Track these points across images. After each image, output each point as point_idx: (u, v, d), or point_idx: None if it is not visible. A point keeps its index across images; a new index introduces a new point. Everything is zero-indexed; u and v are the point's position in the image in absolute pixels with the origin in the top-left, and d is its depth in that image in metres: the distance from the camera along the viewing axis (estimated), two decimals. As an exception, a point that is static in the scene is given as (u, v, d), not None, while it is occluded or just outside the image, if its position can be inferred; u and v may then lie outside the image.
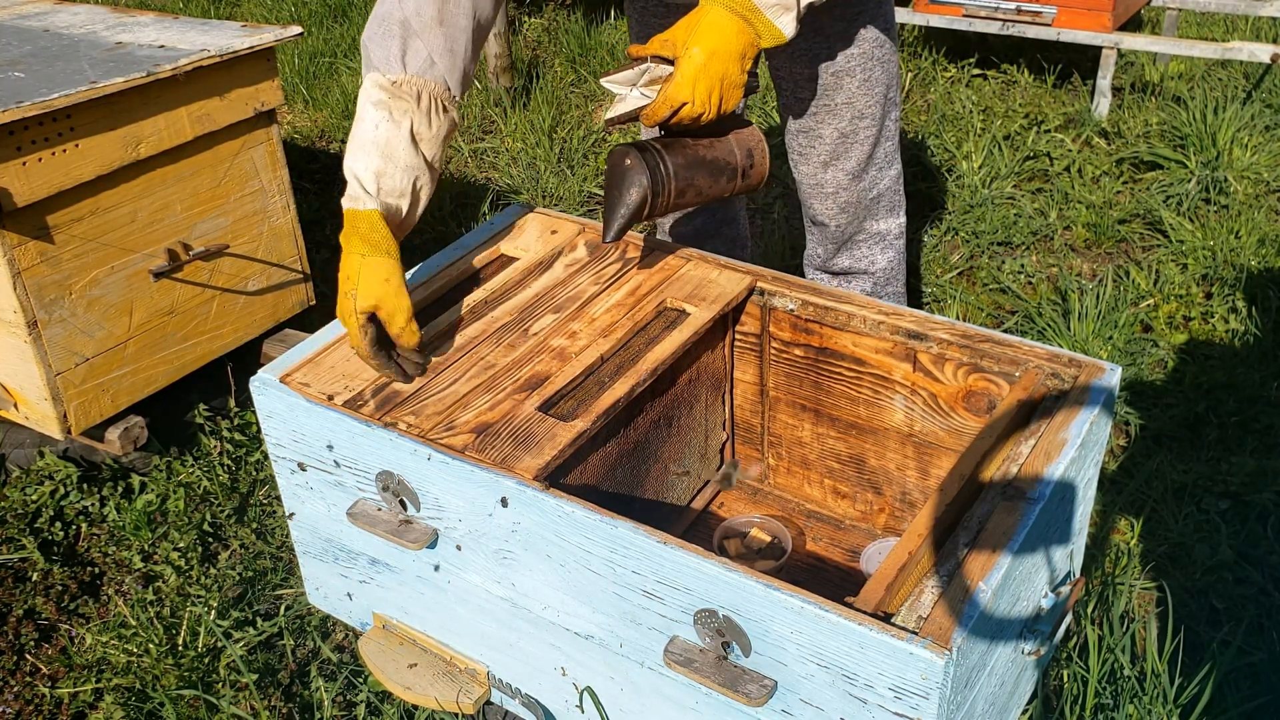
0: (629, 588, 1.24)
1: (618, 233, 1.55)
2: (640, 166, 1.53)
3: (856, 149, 1.93)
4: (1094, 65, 4.02)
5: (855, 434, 1.70)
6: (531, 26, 4.99)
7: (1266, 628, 1.83)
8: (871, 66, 1.87)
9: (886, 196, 2.02)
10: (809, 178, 1.99)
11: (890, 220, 2.05)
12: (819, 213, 2.02)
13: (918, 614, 1.10)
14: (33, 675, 1.87)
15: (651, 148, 1.56)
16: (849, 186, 1.97)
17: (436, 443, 1.35)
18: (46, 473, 2.22)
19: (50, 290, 1.95)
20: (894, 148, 1.99)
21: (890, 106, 1.94)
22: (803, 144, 1.96)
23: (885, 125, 1.94)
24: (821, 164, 1.95)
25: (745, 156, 1.61)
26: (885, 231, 2.05)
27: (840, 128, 1.91)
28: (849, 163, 1.94)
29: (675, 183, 1.56)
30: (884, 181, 2.00)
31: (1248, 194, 3.18)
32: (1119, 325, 2.58)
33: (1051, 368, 1.45)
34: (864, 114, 1.90)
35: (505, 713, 1.57)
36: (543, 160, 3.61)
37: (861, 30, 1.83)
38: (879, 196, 2.00)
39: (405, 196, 1.56)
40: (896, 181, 2.03)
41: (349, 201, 1.55)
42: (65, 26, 2.32)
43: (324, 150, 3.84)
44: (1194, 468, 2.18)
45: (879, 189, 2.00)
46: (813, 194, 2.00)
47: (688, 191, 1.58)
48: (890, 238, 2.06)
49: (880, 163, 1.97)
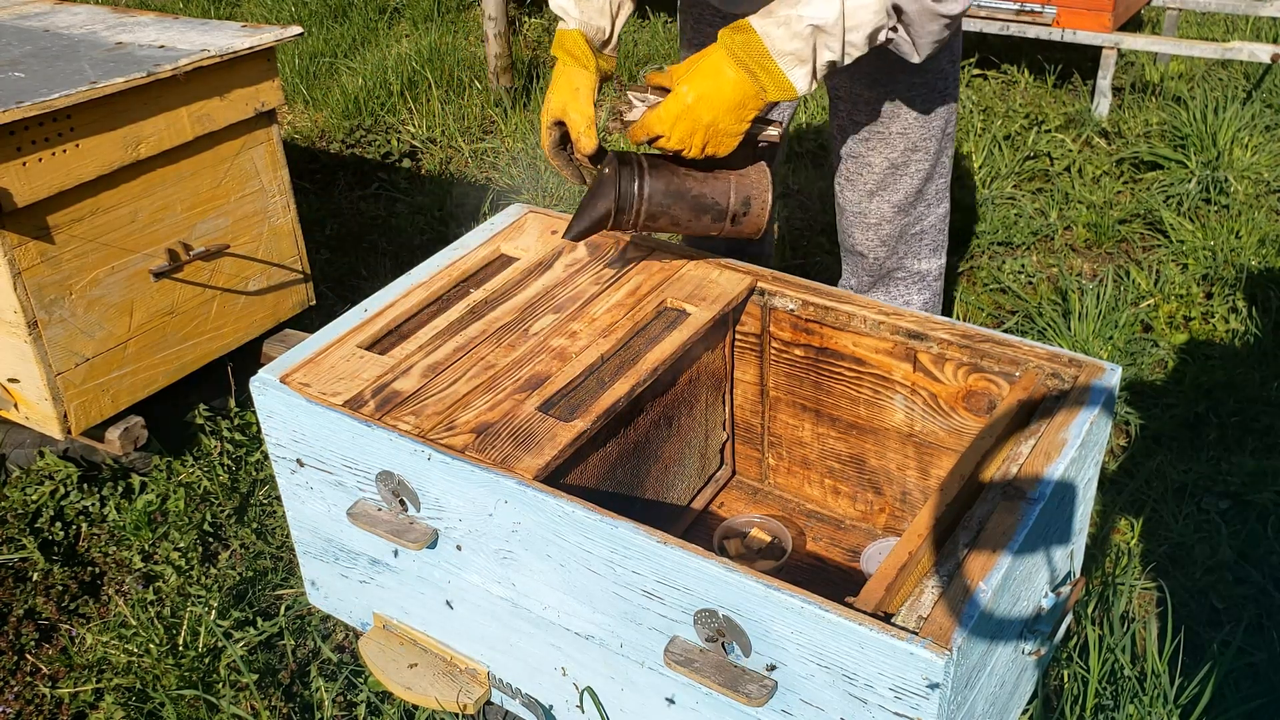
0: (629, 588, 1.24)
1: (576, 235, 1.60)
2: (613, 181, 1.55)
3: (906, 181, 1.86)
4: (1094, 65, 4.02)
5: (855, 434, 1.70)
6: (531, 26, 4.99)
7: (1266, 628, 1.83)
8: (932, 99, 1.80)
9: (930, 235, 1.94)
10: (853, 205, 1.92)
11: (932, 260, 1.97)
12: (859, 242, 1.95)
13: (918, 614, 1.10)
14: (33, 675, 1.87)
15: (638, 164, 1.56)
16: (893, 219, 1.90)
17: (437, 443, 1.35)
18: (47, 473, 2.22)
19: (50, 290, 1.95)
20: (945, 185, 1.92)
21: (947, 142, 1.86)
22: (851, 169, 1.89)
23: (940, 161, 1.87)
24: (867, 192, 1.88)
25: (741, 203, 1.58)
26: (925, 272, 1.97)
27: (891, 158, 1.84)
28: (896, 195, 1.87)
29: (647, 205, 1.56)
30: (930, 219, 1.92)
31: (1248, 194, 3.18)
32: (1119, 325, 2.58)
33: (1052, 368, 1.45)
34: (918, 146, 1.83)
35: (505, 713, 1.57)
36: (543, 160, 3.61)
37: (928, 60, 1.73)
38: (923, 233, 1.93)
39: (605, 15, 1.69)
40: (943, 221, 1.95)
41: (559, 26, 1.70)
42: (65, 26, 2.32)
43: (324, 150, 3.84)
44: (1194, 468, 2.18)
45: (923, 225, 1.92)
46: (855, 222, 1.93)
47: (660, 218, 1.58)
48: (929, 279, 1.99)
49: (930, 199, 1.90)
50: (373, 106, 4.06)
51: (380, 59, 4.42)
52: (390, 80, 4.18)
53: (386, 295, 1.67)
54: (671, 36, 4.70)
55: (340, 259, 3.11)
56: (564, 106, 1.64)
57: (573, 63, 1.66)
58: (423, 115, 3.99)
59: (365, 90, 4.11)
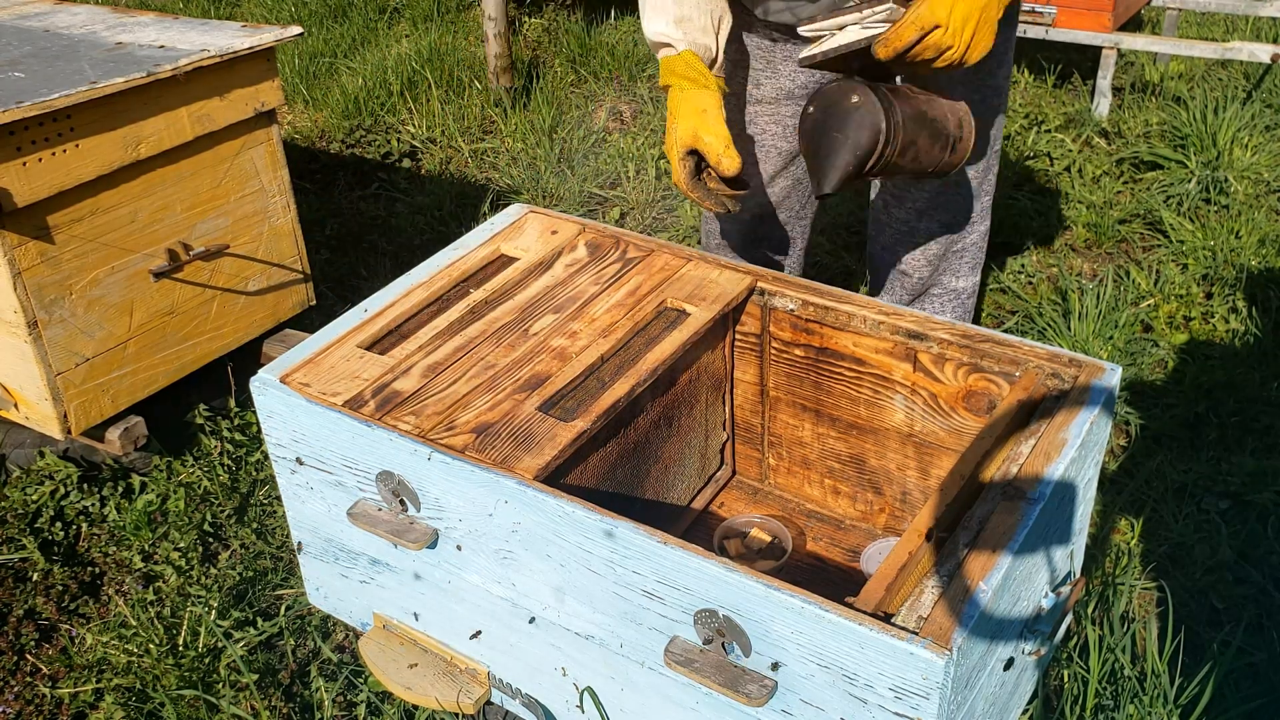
0: (629, 588, 1.24)
1: (839, 182, 1.31)
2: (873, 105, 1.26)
3: (956, 201, 1.83)
4: (1094, 65, 4.02)
5: (855, 434, 1.70)
6: (531, 26, 4.99)
7: (1266, 628, 1.83)
8: (987, 114, 1.78)
9: (971, 252, 1.92)
10: (901, 223, 1.88)
11: (970, 278, 1.94)
12: (904, 261, 1.91)
13: (918, 614, 1.10)
14: (33, 675, 1.87)
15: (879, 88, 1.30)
16: (940, 238, 1.87)
17: (437, 443, 1.35)
18: (47, 473, 2.22)
19: (50, 290, 1.95)
20: (990, 203, 1.89)
21: (994, 159, 1.84)
22: (899, 186, 1.86)
23: (987, 178, 1.85)
24: (917, 212, 1.85)
25: (957, 125, 1.39)
26: (961, 290, 1.95)
27: None
28: (946, 214, 1.85)
29: (903, 135, 1.30)
30: (972, 236, 1.90)
31: (1248, 194, 3.18)
32: (1119, 325, 2.58)
33: (1052, 368, 1.45)
34: (971, 163, 1.81)
35: (505, 713, 1.57)
36: (543, 160, 3.61)
37: (985, 76, 1.74)
38: (964, 250, 1.91)
39: (709, 32, 1.59)
40: (984, 238, 1.93)
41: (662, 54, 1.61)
42: (65, 26, 2.32)
43: (324, 150, 3.84)
44: (1194, 468, 2.18)
45: (966, 243, 1.90)
46: (901, 240, 1.90)
47: (909, 151, 1.32)
48: (964, 296, 1.96)
49: (975, 217, 1.88)
50: (373, 106, 4.06)
51: (380, 59, 4.42)
52: (390, 80, 4.18)
53: (386, 295, 1.67)
54: (671, 36, 4.69)
55: (340, 259, 3.11)
56: (695, 132, 1.55)
57: (691, 86, 1.58)
58: (423, 115, 3.99)
59: (365, 90, 4.11)
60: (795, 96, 1.86)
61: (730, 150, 1.55)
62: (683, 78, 1.58)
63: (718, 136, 1.55)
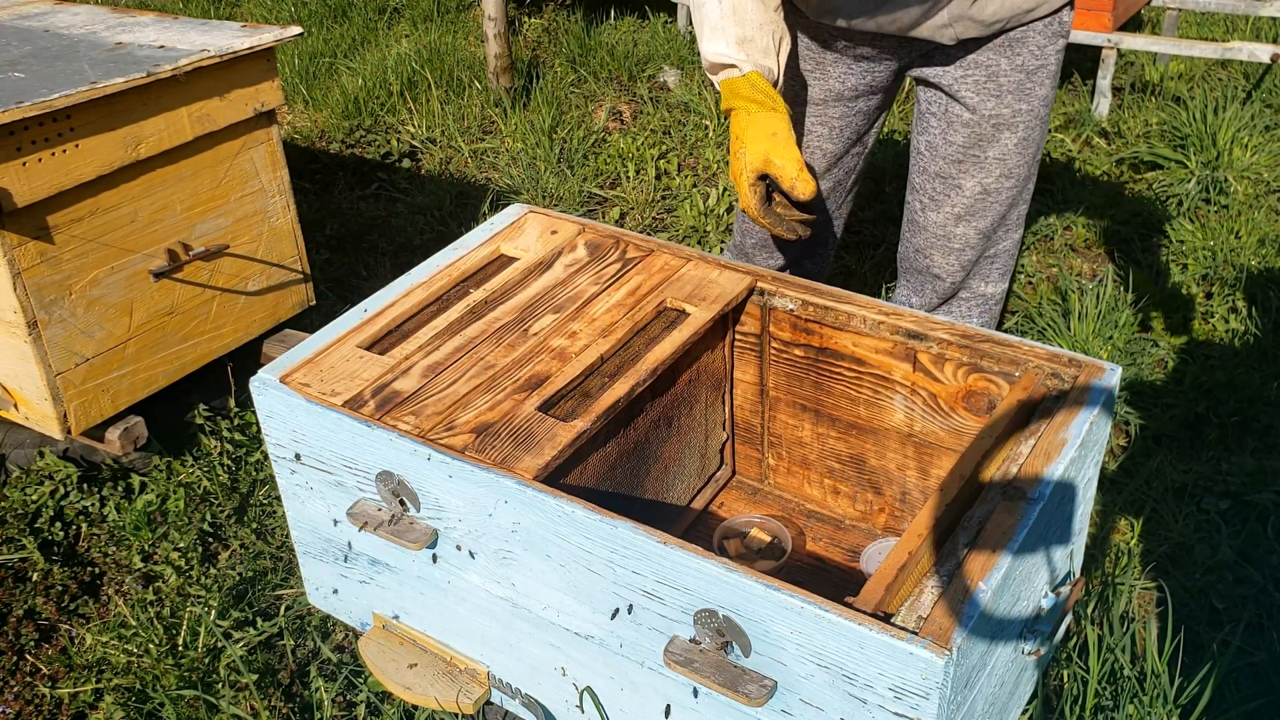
0: (629, 588, 1.24)
1: None
2: None
3: (995, 208, 1.82)
4: (1094, 65, 4.02)
5: (855, 434, 1.70)
6: (531, 26, 4.99)
7: (1266, 628, 1.83)
8: (1033, 125, 1.76)
9: (1003, 259, 1.91)
10: (937, 227, 1.87)
11: (1000, 284, 1.93)
12: (937, 264, 1.90)
13: (918, 614, 1.10)
14: (33, 675, 1.87)
15: None
16: (976, 244, 1.86)
17: (436, 443, 1.35)
18: (46, 473, 2.22)
19: (50, 290, 1.95)
20: (1026, 211, 1.89)
21: (1034, 169, 1.83)
22: (937, 189, 1.84)
23: (1027, 187, 1.84)
24: (955, 216, 1.84)
25: None
26: (989, 295, 1.94)
27: (985, 183, 1.80)
28: (983, 221, 1.83)
29: None
30: (1006, 243, 1.89)
31: (1248, 194, 3.18)
32: (1119, 325, 2.58)
33: (1051, 368, 1.45)
34: (1012, 173, 1.79)
35: (505, 713, 1.57)
36: (543, 160, 3.61)
37: (1036, 86, 1.73)
38: (995, 257, 1.89)
39: (771, 54, 1.57)
40: (1016, 246, 1.92)
41: (724, 76, 1.58)
42: (65, 27, 2.32)
43: (324, 150, 3.84)
44: (1194, 468, 2.18)
45: (999, 249, 1.89)
46: (936, 245, 1.88)
47: None
48: (991, 302, 1.95)
49: (1011, 224, 1.86)
50: (373, 106, 4.07)
51: (380, 59, 4.43)
52: (390, 80, 4.18)
53: (386, 295, 1.67)
54: (671, 36, 4.70)
55: (340, 259, 3.11)
56: (766, 156, 1.53)
57: (759, 109, 1.55)
58: (422, 115, 3.99)
59: (365, 90, 4.11)
60: (844, 98, 1.85)
61: (805, 174, 1.53)
62: (749, 100, 1.55)
63: (791, 160, 1.53)
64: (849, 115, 1.88)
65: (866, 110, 1.89)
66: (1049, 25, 1.71)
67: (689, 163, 3.65)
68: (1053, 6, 1.69)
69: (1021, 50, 1.71)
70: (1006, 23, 1.68)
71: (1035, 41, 1.71)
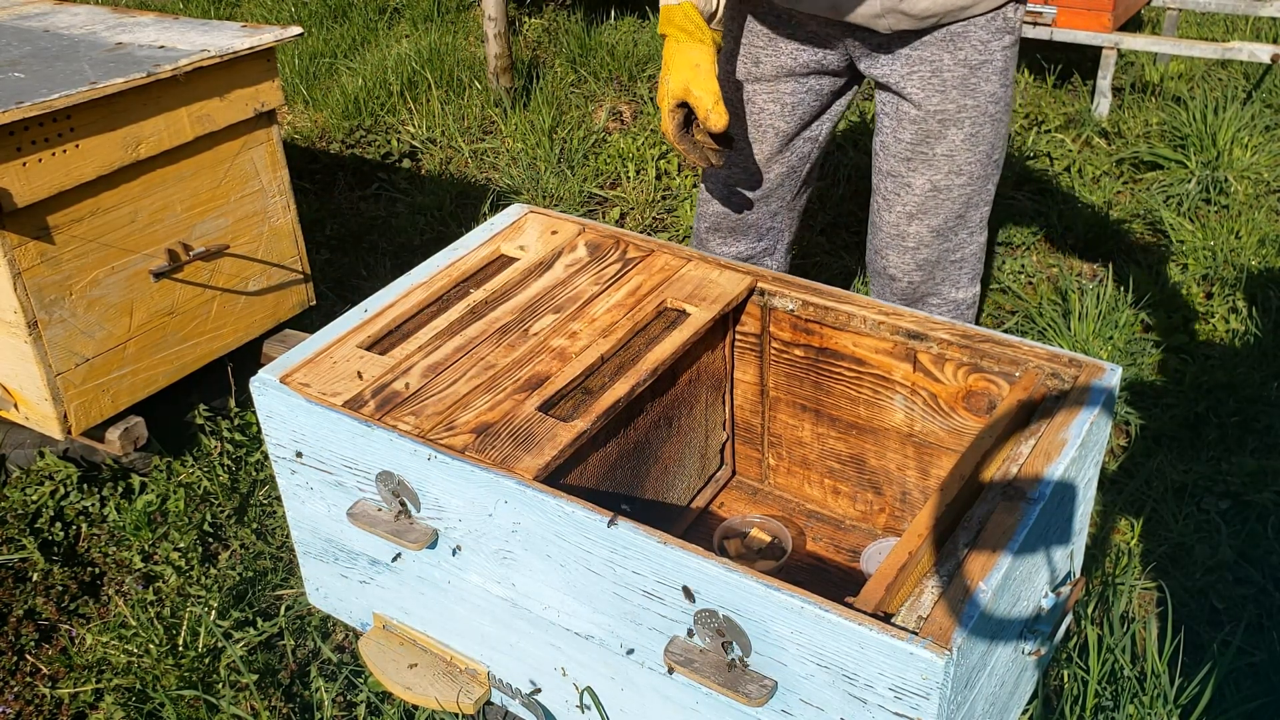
0: (629, 588, 1.24)
1: None
2: None
3: (946, 205, 1.81)
4: (1094, 65, 4.02)
5: (855, 434, 1.70)
6: (531, 26, 4.99)
7: (1266, 628, 1.83)
8: (982, 122, 1.76)
9: (969, 263, 1.89)
10: (891, 227, 1.87)
11: (969, 289, 1.92)
12: (892, 264, 1.90)
13: (918, 614, 1.10)
14: (33, 675, 1.87)
15: None
16: (931, 244, 1.85)
17: (436, 443, 1.35)
18: (46, 473, 2.22)
19: (50, 290, 1.95)
20: (988, 214, 1.87)
21: (993, 169, 1.82)
22: (890, 188, 1.85)
23: (985, 188, 1.83)
24: (907, 215, 1.84)
25: None
26: (960, 301, 1.93)
27: (934, 180, 1.80)
28: (935, 219, 1.82)
29: None
30: (970, 247, 1.87)
31: (1248, 194, 3.18)
32: (1119, 325, 2.58)
33: (1051, 368, 1.45)
34: (962, 170, 1.79)
35: (505, 713, 1.57)
36: (543, 160, 3.61)
37: (981, 82, 1.73)
38: (962, 261, 1.88)
39: None
40: (982, 249, 1.91)
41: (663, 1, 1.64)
42: (65, 27, 2.32)
43: (324, 150, 3.84)
44: (1194, 468, 2.18)
45: (963, 253, 1.87)
46: (890, 245, 1.88)
47: None
48: (963, 307, 1.94)
49: (972, 226, 1.85)
50: (373, 107, 4.07)
51: (380, 59, 4.43)
52: (390, 80, 4.18)
53: (386, 295, 1.67)
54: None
55: (340, 259, 3.11)
56: (686, 85, 1.59)
57: (687, 38, 1.60)
58: (423, 115, 3.99)
59: (365, 90, 4.11)
60: (795, 74, 1.85)
61: (719, 106, 1.58)
62: (680, 29, 1.60)
63: (708, 92, 1.59)
64: (801, 93, 1.87)
65: (819, 91, 1.88)
66: (991, 20, 1.70)
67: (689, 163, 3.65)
68: (993, 4, 1.68)
69: (964, 45, 1.71)
70: (941, 18, 1.68)
71: (978, 36, 1.71)
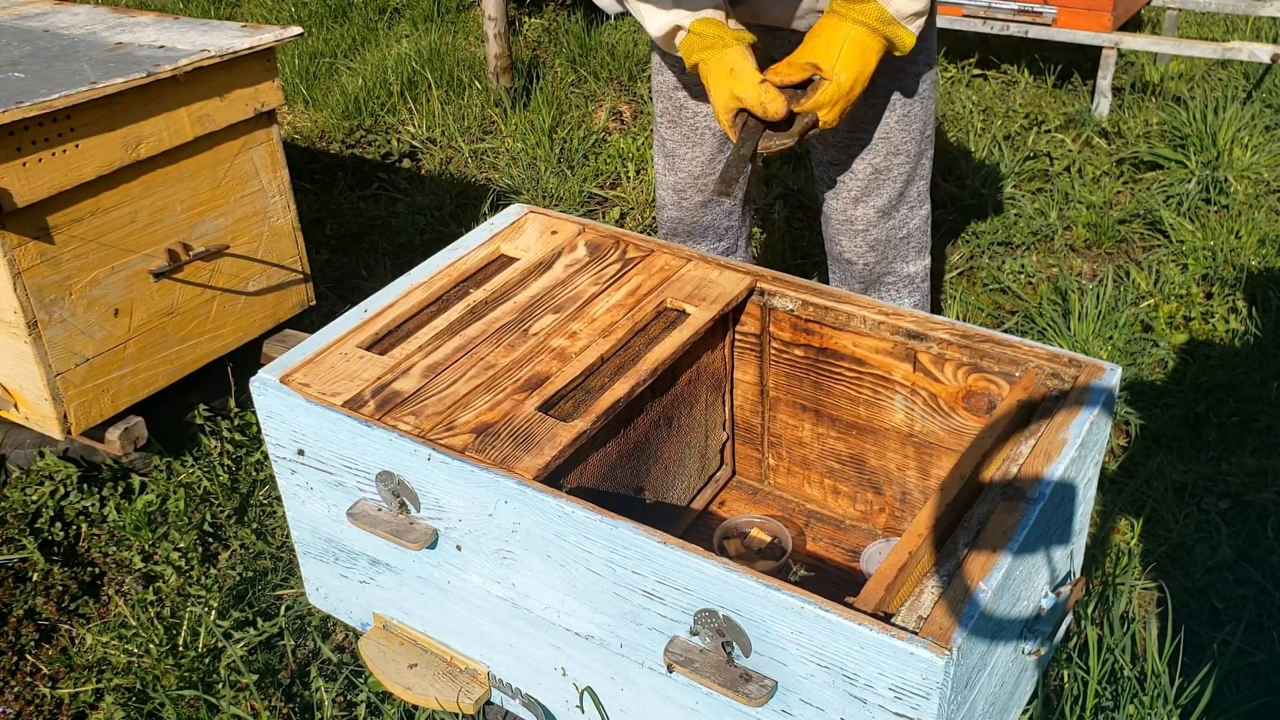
0: (629, 588, 1.24)
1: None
2: None
3: (889, 186, 1.89)
4: (1094, 65, 4.02)
5: (855, 434, 1.70)
6: (531, 26, 4.99)
7: (1266, 628, 1.83)
8: (911, 103, 1.83)
9: (915, 237, 1.97)
10: (838, 213, 1.94)
11: (919, 262, 2.01)
12: (846, 249, 1.97)
13: (918, 614, 1.10)
14: (33, 675, 1.87)
15: None
16: (878, 224, 1.92)
17: (436, 443, 1.35)
18: (46, 473, 2.23)
19: (50, 290, 1.95)
20: (926, 187, 1.95)
21: (926, 145, 1.90)
22: (833, 177, 1.92)
23: (920, 163, 1.90)
24: (852, 199, 1.91)
25: None
26: (913, 275, 2.01)
27: (874, 163, 1.87)
28: (879, 199, 1.90)
29: None
30: (914, 221, 1.95)
31: (1248, 194, 3.18)
32: (1119, 325, 2.58)
33: (1051, 368, 1.45)
34: (899, 150, 1.86)
35: (505, 713, 1.57)
36: (543, 160, 3.61)
37: (905, 64, 1.80)
38: (908, 236, 1.96)
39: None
40: (926, 222, 1.99)
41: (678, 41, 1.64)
42: (65, 27, 2.32)
43: (324, 150, 3.84)
44: (1194, 468, 2.18)
45: (909, 229, 1.95)
46: (841, 230, 1.96)
47: None
48: (917, 280, 2.02)
49: (912, 201, 1.93)
50: (373, 107, 4.07)
51: (380, 59, 4.43)
52: (390, 80, 4.18)
53: (386, 295, 1.67)
54: (671, 36, 4.70)
55: (340, 259, 3.11)
56: (731, 93, 1.59)
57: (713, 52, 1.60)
58: (423, 115, 3.99)
59: (365, 90, 4.11)
60: None
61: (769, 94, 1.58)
62: (704, 50, 1.60)
63: (750, 87, 1.58)
64: None
65: None
66: None
67: (689, 163, 3.65)
68: None
69: None
70: None
71: None
